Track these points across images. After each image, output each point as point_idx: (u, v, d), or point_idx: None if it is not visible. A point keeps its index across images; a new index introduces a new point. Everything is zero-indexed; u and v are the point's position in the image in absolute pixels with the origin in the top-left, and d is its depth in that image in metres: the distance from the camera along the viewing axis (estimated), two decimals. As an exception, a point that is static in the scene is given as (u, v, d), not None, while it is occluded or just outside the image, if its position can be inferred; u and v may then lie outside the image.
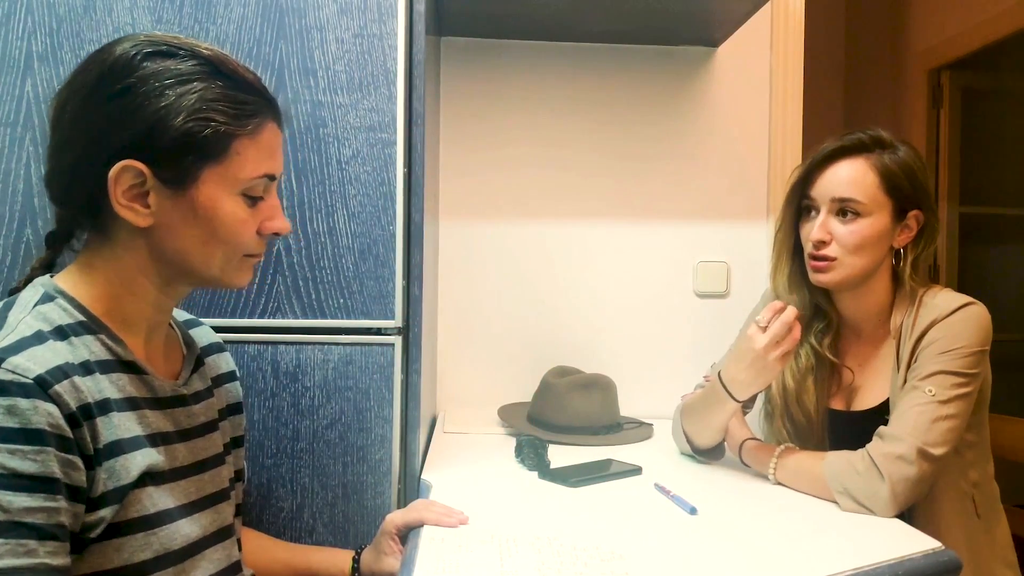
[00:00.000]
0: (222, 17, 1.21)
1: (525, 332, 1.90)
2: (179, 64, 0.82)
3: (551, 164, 1.91)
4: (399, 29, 1.23)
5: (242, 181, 0.85)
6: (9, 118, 1.16)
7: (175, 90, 0.80)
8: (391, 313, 1.24)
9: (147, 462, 0.81)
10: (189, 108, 0.80)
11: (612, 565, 0.91)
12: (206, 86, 0.82)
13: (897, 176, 1.27)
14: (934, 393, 1.17)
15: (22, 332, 0.76)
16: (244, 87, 0.85)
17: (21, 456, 0.71)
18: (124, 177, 0.81)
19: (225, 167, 0.84)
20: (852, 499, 1.13)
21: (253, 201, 0.87)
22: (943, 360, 1.19)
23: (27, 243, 1.16)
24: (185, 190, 0.83)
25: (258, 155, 0.86)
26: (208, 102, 0.81)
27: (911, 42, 3.22)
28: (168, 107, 0.80)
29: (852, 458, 1.16)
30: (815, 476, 1.18)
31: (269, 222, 0.89)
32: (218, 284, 0.90)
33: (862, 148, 1.28)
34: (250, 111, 0.85)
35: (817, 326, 1.38)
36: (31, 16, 1.17)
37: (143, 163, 0.80)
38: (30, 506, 0.70)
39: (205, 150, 0.82)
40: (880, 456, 1.13)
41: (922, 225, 1.30)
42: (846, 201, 1.26)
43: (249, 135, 0.85)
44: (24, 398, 0.71)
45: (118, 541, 0.78)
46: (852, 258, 1.27)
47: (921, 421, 1.15)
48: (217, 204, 0.84)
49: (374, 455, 1.24)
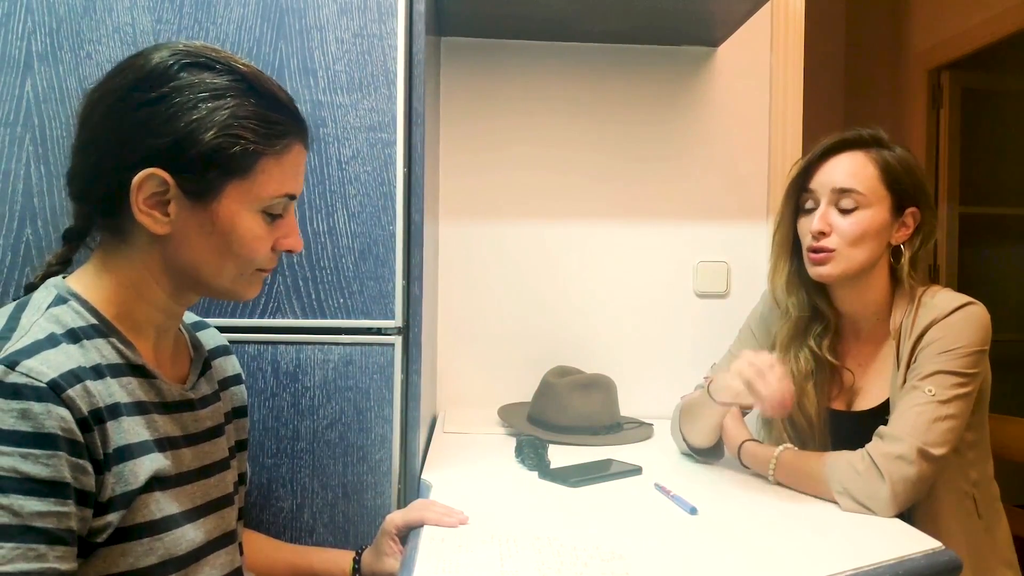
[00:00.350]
0: (222, 17, 1.21)
1: (525, 332, 1.90)
2: (215, 78, 0.82)
3: (551, 164, 1.91)
4: (399, 29, 1.23)
5: (263, 200, 0.85)
6: (9, 118, 1.16)
7: (208, 104, 0.81)
8: (391, 313, 1.24)
9: (155, 467, 0.81)
10: (220, 124, 0.81)
11: (612, 565, 0.91)
12: (239, 103, 0.82)
13: (896, 171, 1.28)
14: (934, 393, 1.17)
15: (35, 335, 0.76)
16: (276, 107, 0.85)
17: (33, 460, 0.71)
18: (147, 184, 0.81)
19: (249, 184, 0.84)
20: (852, 499, 1.13)
21: (272, 219, 0.88)
22: (943, 360, 1.19)
23: (27, 243, 1.16)
24: (206, 203, 0.83)
25: (282, 175, 0.86)
26: (240, 119, 0.82)
27: (911, 42, 3.22)
28: (200, 120, 0.80)
29: (852, 458, 1.16)
30: (815, 476, 1.18)
31: (284, 239, 0.90)
32: (227, 296, 0.91)
33: (861, 143, 1.30)
34: (279, 131, 0.85)
35: (816, 329, 1.37)
36: (31, 16, 1.17)
37: (168, 172, 0.80)
38: (41, 510, 0.70)
39: (231, 166, 0.82)
40: (880, 456, 1.13)
41: (919, 223, 1.30)
42: (846, 192, 1.27)
43: (276, 155, 0.85)
44: (37, 402, 0.71)
45: (124, 546, 0.78)
46: (851, 250, 1.27)
47: (921, 421, 1.15)
48: (236, 220, 0.84)
49: (374, 455, 1.24)
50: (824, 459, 1.19)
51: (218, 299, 0.93)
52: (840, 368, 1.37)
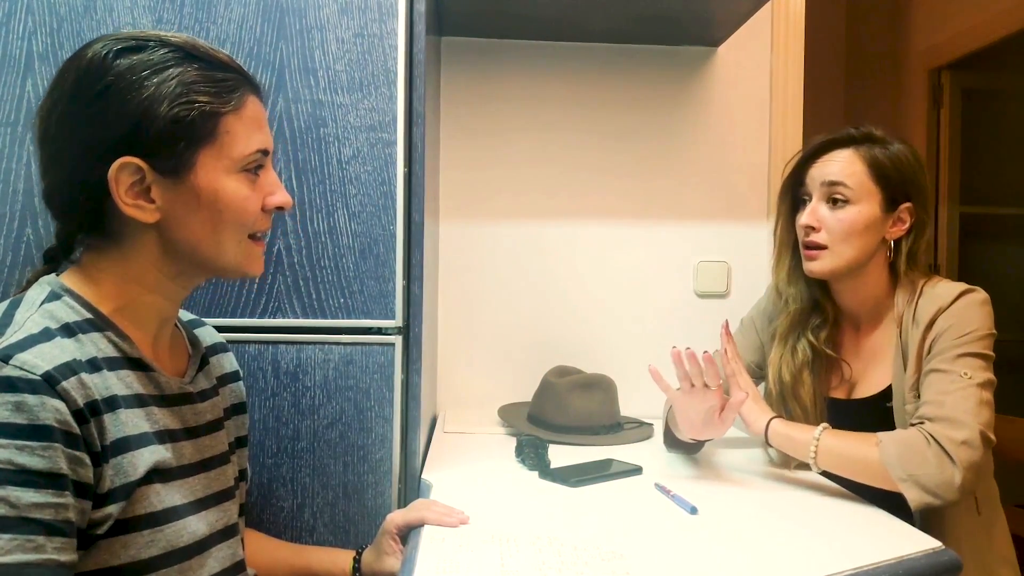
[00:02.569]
0: (222, 17, 1.21)
1: (525, 332, 1.90)
2: (151, 55, 0.82)
3: (551, 163, 1.91)
4: (399, 29, 1.23)
5: (237, 160, 0.86)
6: (10, 118, 1.17)
7: (153, 79, 0.81)
8: (391, 313, 1.24)
9: (154, 459, 0.82)
10: (171, 95, 0.81)
11: (613, 564, 0.91)
12: (182, 71, 0.82)
13: (885, 166, 1.29)
14: (971, 376, 1.17)
15: (30, 329, 0.77)
16: (219, 66, 0.86)
17: (29, 452, 0.71)
18: (123, 175, 0.81)
19: (218, 148, 0.84)
20: (921, 488, 1.10)
21: (252, 177, 0.88)
22: (963, 343, 1.20)
23: (27, 243, 1.17)
24: (184, 178, 0.83)
25: (247, 131, 0.86)
26: (188, 85, 0.82)
27: (911, 42, 3.22)
28: (151, 97, 0.80)
29: (913, 442, 1.12)
30: (868, 462, 1.15)
31: (271, 197, 0.90)
32: (234, 272, 0.90)
33: (851, 141, 1.32)
34: (230, 87, 0.85)
35: (814, 321, 1.39)
36: (32, 16, 1.17)
37: (138, 157, 0.81)
38: (38, 502, 0.71)
39: (195, 134, 0.83)
40: (947, 441, 1.10)
41: (915, 218, 1.32)
42: (834, 185, 1.29)
43: (234, 111, 0.85)
44: (32, 394, 0.72)
45: (125, 538, 0.78)
46: (842, 246, 1.29)
47: (971, 405, 1.14)
48: (218, 186, 0.85)
49: (374, 455, 1.24)
50: (875, 442, 1.15)
51: (228, 278, 0.92)
52: (838, 361, 1.37)
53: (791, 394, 1.36)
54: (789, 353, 1.37)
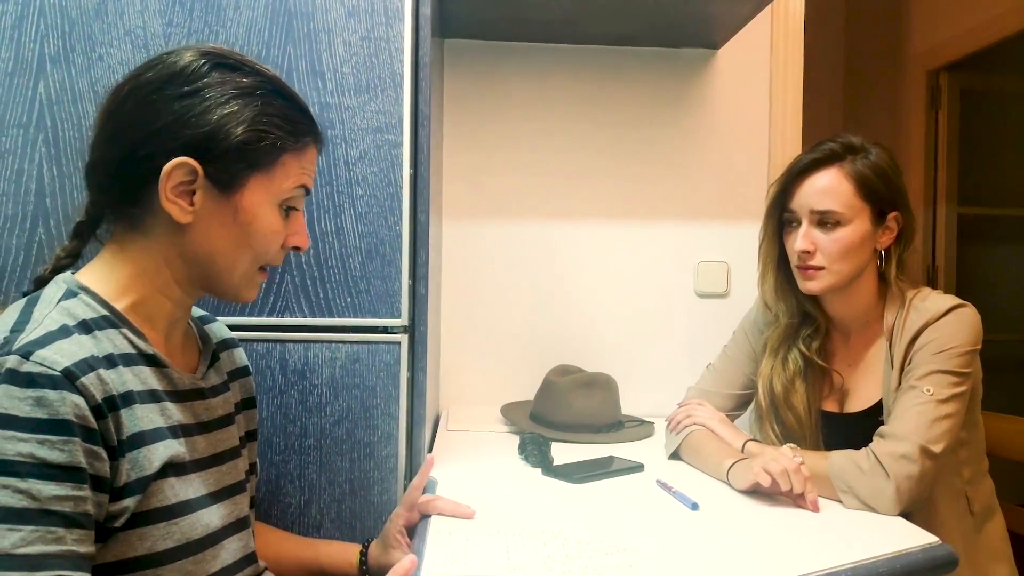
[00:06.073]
0: (231, 20, 1.23)
1: (527, 331, 1.92)
2: (244, 78, 0.87)
3: (553, 165, 1.92)
4: (406, 32, 1.25)
5: (283, 192, 0.90)
6: (22, 120, 1.18)
7: (240, 101, 0.86)
8: (397, 312, 1.26)
9: (169, 453, 0.84)
10: (251, 119, 0.86)
11: (616, 558, 0.93)
12: (267, 102, 0.88)
13: (871, 180, 1.29)
14: (932, 392, 1.19)
15: (48, 326, 0.78)
16: (298, 109, 0.92)
17: (49, 446, 0.72)
18: (177, 173, 0.84)
19: (270, 177, 0.89)
20: (856, 498, 1.15)
21: (287, 214, 0.92)
22: (938, 360, 1.21)
23: (39, 242, 1.18)
24: (230, 194, 0.87)
25: (300, 170, 0.91)
26: (268, 116, 0.87)
27: (910, 44, 3.24)
28: (232, 115, 0.85)
29: (856, 457, 1.17)
30: (819, 475, 1.19)
31: (293, 236, 0.94)
32: (229, 294, 0.93)
33: (834, 157, 1.31)
34: (301, 130, 0.91)
35: (805, 332, 1.40)
36: (43, 19, 1.19)
37: (198, 162, 0.84)
38: (58, 494, 0.72)
39: (257, 159, 0.87)
40: (884, 455, 1.15)
41: (902, 226, 1.32)
42: (825, 213, 1.29)
43: (296, 151, 0.90)
44: (52, 390, 0.73)
45: (141, 530, 0.80)
46: (838, 265, 1.30)
47: (922, 420, 1.17)
48: (257, 211, 0.89)
49: (381, 452, 1.26)
50: (827, 458, 1.20)
51: (220, 298, 0.95)
52: (830, 371, 1.39)
53: (783, 404, 1.37)
54: (780, 364, 1.38)
